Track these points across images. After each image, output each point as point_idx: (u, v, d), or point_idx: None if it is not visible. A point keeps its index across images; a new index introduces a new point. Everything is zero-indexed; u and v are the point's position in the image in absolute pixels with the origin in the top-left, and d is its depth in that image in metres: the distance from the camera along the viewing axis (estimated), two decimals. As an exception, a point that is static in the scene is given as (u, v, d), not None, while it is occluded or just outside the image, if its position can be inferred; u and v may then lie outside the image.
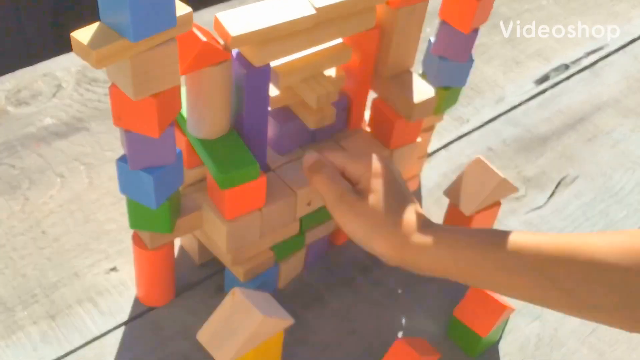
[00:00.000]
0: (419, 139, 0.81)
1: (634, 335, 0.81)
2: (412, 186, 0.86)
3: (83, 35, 0.52)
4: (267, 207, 0.71)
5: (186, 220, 0.71)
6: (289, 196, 0.72)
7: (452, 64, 0.80)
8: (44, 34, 1.58)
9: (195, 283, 0.80)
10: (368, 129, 0.81)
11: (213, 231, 0.72)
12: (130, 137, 0.61)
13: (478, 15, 0.75)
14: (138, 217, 0.68)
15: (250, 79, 0.65)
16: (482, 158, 0.79)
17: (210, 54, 0.61)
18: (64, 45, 1.17)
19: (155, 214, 0.67)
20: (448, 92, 0.83)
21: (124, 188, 0.66)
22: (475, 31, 0.78)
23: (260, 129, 0.69)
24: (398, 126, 0.77)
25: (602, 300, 0.58)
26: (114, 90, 0.58)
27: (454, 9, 0.75)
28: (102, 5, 0.52)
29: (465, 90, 1.08)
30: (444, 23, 0.77)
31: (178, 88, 0.60)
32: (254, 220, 0.71)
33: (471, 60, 0.81)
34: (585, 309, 0.60)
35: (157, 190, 0.64)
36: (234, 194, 0.67)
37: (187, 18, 0.56)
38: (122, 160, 0.64)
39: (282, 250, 0.77)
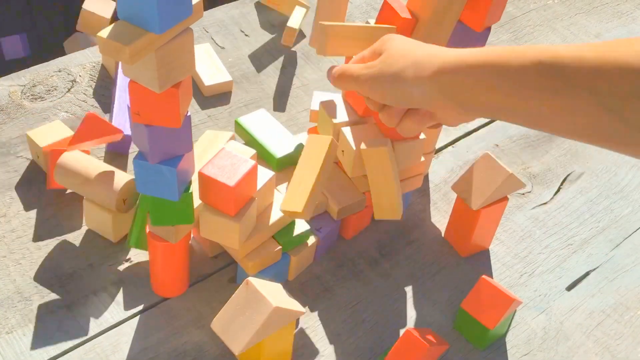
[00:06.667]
0: (422, 136, 0.82)
1: (639, 329, 0.83)
2: (417, 184, 0.87)
3: (109, 34, 0.53)
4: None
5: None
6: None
7: None
8: (56, 31, 1.60)
9: (209, 274, 0.82)
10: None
11: (219, 233, 0.73)
12: (151, 131, 0.62)
13: (491, 13, 0.76)
14: (161, 213, 0.69)
15: None
16: (490, 154, 0.81)
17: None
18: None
19: (178, 206, 0.68)
20: None
21: (143, 187, 0.67)
22: (488, 29, 0.79)
23: None
24: None
25: None
26: (132, 86, 0.59)
27: (467, 8, 0.77)
28: (121, 2, 0.54)
29: (473, 88, 1.09)
30: (457, 21, 0.79)
31: (190, 76, 0.62)
32: (252, 208, 0.73)
33: None
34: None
35: (178, 181, 0.65)
36: (237, 188, 0.69)
37: (199, 6, 0.58)
38: (139, 158, 0.65)
39: (288, 242, 0.78)
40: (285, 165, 0.84)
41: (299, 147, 0.84)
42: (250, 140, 0.85)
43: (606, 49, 0.50)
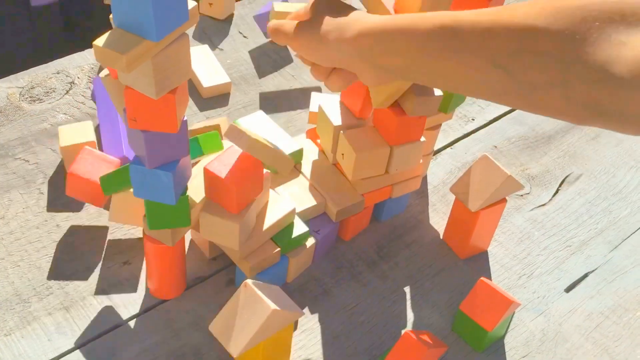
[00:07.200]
0: (423, 138, 0.82)
1: (638, 331, 0.83)
2: (415, 185, 0.87)
3: (105, 42, 0.53)
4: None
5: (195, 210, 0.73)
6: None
7: None
8: (55, 32, 1.59)
9: (207, 276, 0.82)
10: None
11: (219, 234, 0.73)
12: (148, 137, 0.62)
13: None
14: (157, 217, 0.69)
15: None
16: (489, 155, 0.81)
17: None
18: (75, 43, 1.18)
19: (174, 210, 0.68)
20: None
21: (139, 191, 0.67)
22: None
23: None
24: (399, 122, 0.78)
25: (538, 75, 0.53)
26: (129, 92, 0.59)
27: (464, 9, 0.77)
28: (116, 10, 0.53)
29: (471, 89, 1.09)
30: None
31: (187, 81, 0.62)
32: (253, 209, 0.73)
33: None
34: (527, 89, 0.54)
35: (175, 186, 0.65)
36: (239, 186, 0.69)
37: (195, 11, 0.58)
38: (135, 162, 0.65)
39: (287, 244, 0.78)
40: None
41: (298, 150, 0.85)
42: None
43: (497, 12, 0.55)
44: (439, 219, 0.92)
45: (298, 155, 0.85)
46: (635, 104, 0.49)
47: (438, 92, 0.77)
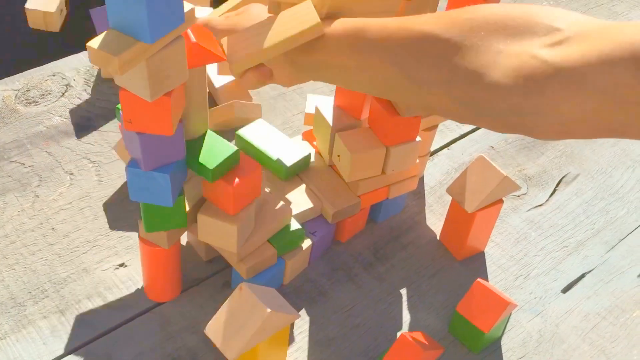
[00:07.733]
0: (418, 138, 0.82)
1: (634, 332, 0.83)
2: (412, 186, 0.87)
3: (99, 44, 0.52)
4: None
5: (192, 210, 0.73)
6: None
7: None
8: (51, 33, 1.59)
9: (203, 279, 0.82)
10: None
11: (217, 236, 0.73)
12: (143, 139, 0.62)
13: None
14: (154, 219, 0.69)
15: None
16: (485, 156, 0.81)
17: (201, 56, 0.63)
18: (71, 45, 1.18)
19: (171, 211, 0.68)
20: None
21: (136, 194, 0.67)
22: None
23: None
24: (394, 123, 0.78)
25: (428, 75, 0.59)
26: (124, 94, 0.59)
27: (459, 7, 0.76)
28: (111, 12, 0.53)
29: (468, 90, 1.09)
30: None
31: (184, 84, 0.62)
32: (251, 211, 0.73)
33: None
34: (418, 86, 0.60)
35: (172, 187, 0.65)
36: (238, 188, 0.69)
37: (191, 14, 0.57)
38: (132, 165, 0.65)
39: (283, 246, 0.78)
40: (293, 174, 0.84)
41: (306, 155, 0.84)
42: (254, 152, 0.85)
43: (403, 20, 0.61)
44: (435, 220, 0.92)
45: (305, 161, 0.84)
46: (505, 104, 0.54)
47: None
